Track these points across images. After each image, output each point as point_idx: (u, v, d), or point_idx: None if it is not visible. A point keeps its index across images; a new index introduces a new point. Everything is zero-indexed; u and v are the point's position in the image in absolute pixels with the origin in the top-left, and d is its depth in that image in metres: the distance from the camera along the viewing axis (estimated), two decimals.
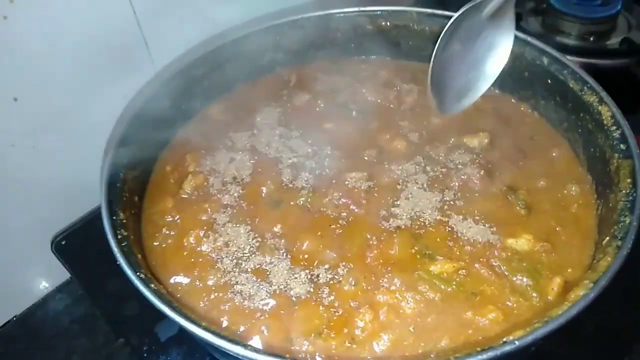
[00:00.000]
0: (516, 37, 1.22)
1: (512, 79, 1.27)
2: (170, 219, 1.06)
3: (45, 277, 1.36)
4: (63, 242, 1.33)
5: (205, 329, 0.76)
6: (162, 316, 0.78)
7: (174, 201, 1.09)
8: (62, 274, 1.32)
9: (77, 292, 1.34)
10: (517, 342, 0.72)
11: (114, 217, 0.93)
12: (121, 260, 0.84)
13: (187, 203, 1.09)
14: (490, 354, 0.71)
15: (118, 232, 0.91)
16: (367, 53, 1.44)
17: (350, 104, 1.30)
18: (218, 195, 1.09)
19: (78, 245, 1.29)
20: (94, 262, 1.12)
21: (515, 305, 0.89)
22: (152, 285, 0.82)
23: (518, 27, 1.13)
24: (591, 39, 1.65)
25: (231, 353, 0.73)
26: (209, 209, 1.07)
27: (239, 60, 1.34)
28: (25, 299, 1.30)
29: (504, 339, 0.74)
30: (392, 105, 1.29)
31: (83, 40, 1.13)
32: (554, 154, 1.16)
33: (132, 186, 1.05)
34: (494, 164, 1.13)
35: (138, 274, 0.83)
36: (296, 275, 0.94)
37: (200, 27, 1.34)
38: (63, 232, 1.33)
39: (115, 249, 0.85)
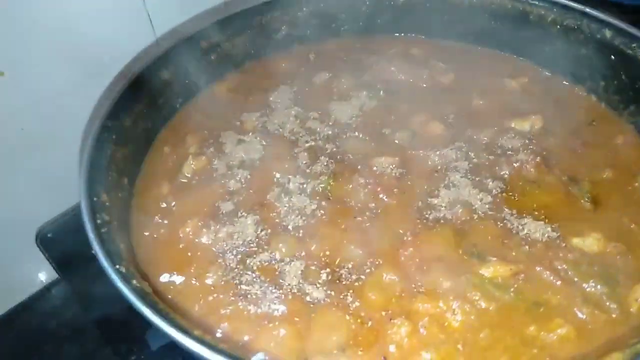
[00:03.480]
0: (570, 7, 1.07)
1: (566, 57, 1.10)
2: (165, 205, 0.89)
3: (31, 275, 1.22)
4: (49, 235, 1.18)
5: (197, 339, 0.58)
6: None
7: (170, 186, 0.92)
8: (51, 271, 1.17)
9: (65, 292, 1.20)
10: None
11: (95, 199, 0.76)
12: (96, 248, 0.67)
13: (185, 188, 0.92)
14: None
15: (98, 216, 0.74)
16: (397, 30, 1.27)
17: (377, 83, 1.13)
18: (222, 181, 0.93)
19: (66, 239, 1.13)
20: (84, 259, 0.95)
21: (589, 318, 0.71)
22: (134, 282, 0.65)
23: None
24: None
25: None
26: (211, 196, 0.90)
27: (251, 34, 1.19)
28: (10, 298, 1.15)
29: None
30: (425, 85, 1.12)
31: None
32: (618, 142, 0.99)
33: (122, 166, 0.89)
34: (550, 152, 0.95)
35: (117, 267, 0.66)
36: (313, 276, 0.77)
37: None
38: (50, 224, 1.19)
39: (91, 235, 0.69)
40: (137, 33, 1.17)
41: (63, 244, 1.16)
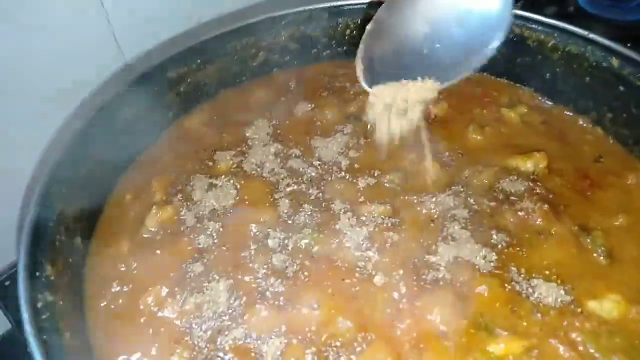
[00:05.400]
0: (572, 32, 0.98)
1: (568, 85, 1.02)
2: (125, 268, 0.78)
3: None
4: (7, 284, 1.05)
5: None
6: None
7: (130, 243, 0.81)
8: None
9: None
10: None
11: (37, 273, 0.64)
12: (33, 347, 0.55)
13: (148, 246, 0.81)
14: None
15: (40, 296, 0.62)
16: None
17: (364, 115, 1.02)
18: (191, 236, 0.82)
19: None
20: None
21: None
22: None
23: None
24: (628, 45, 1.40)
25: None
26: (177, 255, 0.79)
27: (224, 60, 1.08)
28: None
29: None
30: None
31: None
32: (630, 182, 0.90)
33: (73, 225, 0.77)
34: (556, 194, 0.86)
35: None
36: (296, 357, 0.66)
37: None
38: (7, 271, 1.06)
39: (28, 329, 0.57)
40: (103, 57, 1.06)
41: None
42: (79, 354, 0.62)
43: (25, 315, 0.58)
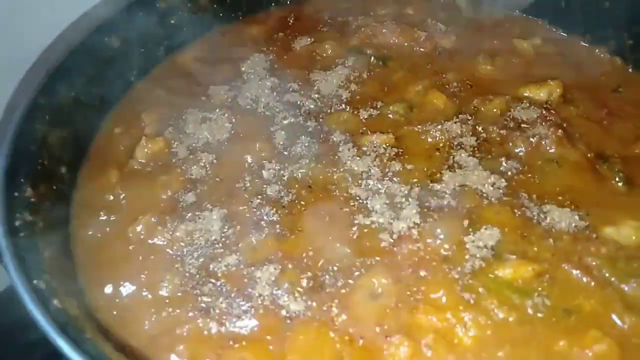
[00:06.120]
0: None
1: (584, 13, 0.95)
2: (113, 198, 0.74)
3: None
4: None
5: None
6: None
7: (120, 174, 0.77)
8: None
9: None
10: None
11: (15, 193, 0.61)
12: (7, 258, 0.52)
13: (138, 177, 0.77)
14: None
15: (18, 214, 0.59)
16: None
17: (366, 48, 0.97)
18: (183, 167, 0.78)
19: None
20: None
21: (632, 329, 0.57)
22: (55, 302, 0.50)
23: None
24: None
25: None
26: (168, 186, 0.75)
27: None
28: None
29: None
30: (423, 50, 0.97)
31: None
32: None
33: (57, 151, 0.73)
34: (571, 123, 0.81)
35: (35, 282, 0.51)
36: (291, 282, 0.62)
37: None
38: None
39: (3, 242, 0.54)
40: None
41: None
42: (60, 275, 0.58)
43: (0, 219, 0.54)
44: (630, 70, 0.92)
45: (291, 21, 1.06)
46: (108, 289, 0.65)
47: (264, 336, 0.59)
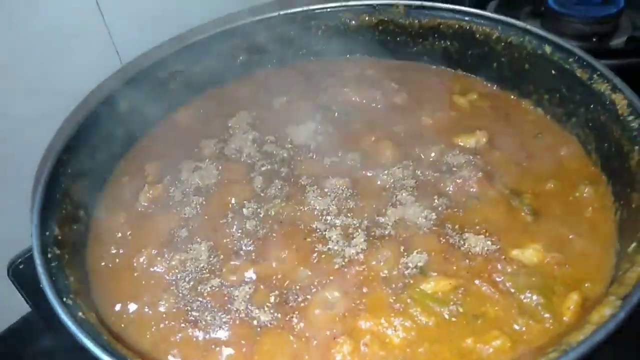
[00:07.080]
0: (514, 25, 1.12)
1: (512, 72, 1.15)
2: (121, 235, 0.92)
3: (4, 307, 1.21)
4: (21, 267, 1.19)
5: None
6: None
7: (127, 215, 0.95)
8: (24, 303, 1.18)
9: (38, 324, 1.21)
10: None
11: (46, 233, 0.79)
12: (44, 282, 0.69)
13: (141, 217, 0.95)
14: None
15: (49, 250, 0.77)
16: (352, 52, 1.31)
17: (332, 105, 1.16)
18: (178, 208, 0.95)
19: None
20: None
21: (524, 328, 0.74)
22: (80, 314, 0.68)
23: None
24: (593, 39, 1.52)
25: None
26: (166, 224, 0.93)
27: (210, 62, 1.22)
28: None
29: None
30: (378, 106, 1.16)
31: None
32: (562, 153, 1.02)
33: (77, 199, 0.91)
34: (494, 166, 0.98)
35: (64, 299, 0.69)
36: (262, 299, 0.79)
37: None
38: (21, 256, 1.20)
39: (40, 269, 0.71)
40: (103, 65, 1.20)
41: (34, 276, 1.18)
42: (82, 297, 0.75)
43: (37, 253, 0.72)
44: (548, 118, 1.10)
45: (271, 83, 1.26)
46: (117, 307, 0.82)
47: (239, 341, 0.75)
